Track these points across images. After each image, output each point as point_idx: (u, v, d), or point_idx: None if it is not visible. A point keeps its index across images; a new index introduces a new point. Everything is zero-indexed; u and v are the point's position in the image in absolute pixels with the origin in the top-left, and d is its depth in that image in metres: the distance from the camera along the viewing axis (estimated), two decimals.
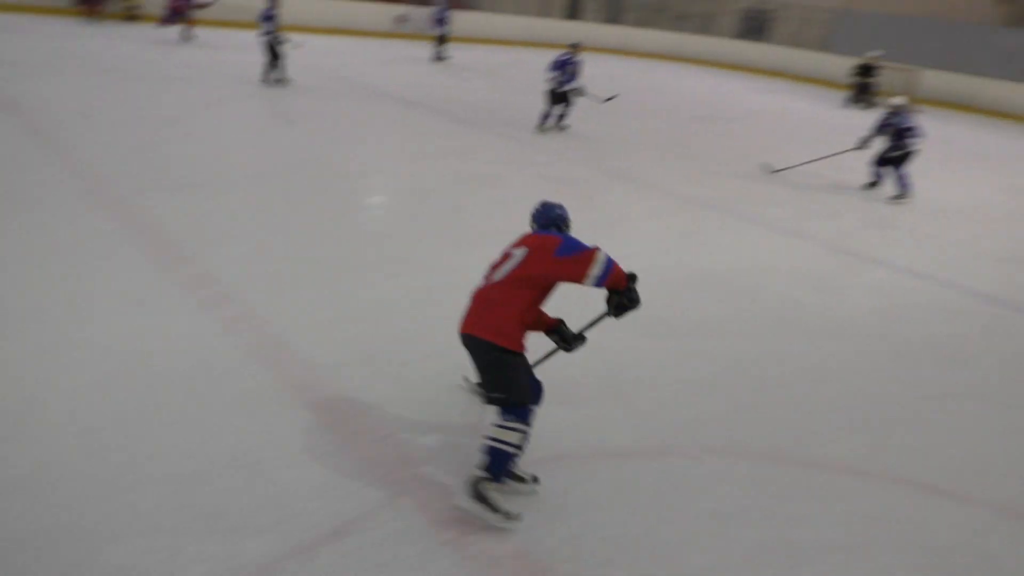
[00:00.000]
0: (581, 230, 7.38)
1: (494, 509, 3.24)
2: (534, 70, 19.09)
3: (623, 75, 20.51)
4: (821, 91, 22.64)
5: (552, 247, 3.24)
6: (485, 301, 3.31)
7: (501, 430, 3.24)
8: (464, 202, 7.91)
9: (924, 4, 24.05)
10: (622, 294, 3.30)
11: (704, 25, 29.23)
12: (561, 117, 11.70)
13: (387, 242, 6.55)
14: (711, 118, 15.22)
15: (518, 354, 3.25)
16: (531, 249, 3.29)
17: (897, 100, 10.03)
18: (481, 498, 3.25)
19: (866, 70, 19.70)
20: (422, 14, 23.35)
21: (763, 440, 4.17)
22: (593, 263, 3.17)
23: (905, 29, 23.31)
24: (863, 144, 10.12)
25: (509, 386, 3.21)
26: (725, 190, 9.57)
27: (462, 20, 24.72)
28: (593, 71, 20.56)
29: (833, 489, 3.82)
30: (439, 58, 19.01)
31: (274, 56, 12.90)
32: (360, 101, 12.74)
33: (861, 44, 23.78)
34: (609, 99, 12.87)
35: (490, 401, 3.25)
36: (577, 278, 3.18)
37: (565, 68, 11.33)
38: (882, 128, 9.97)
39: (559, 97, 11.46)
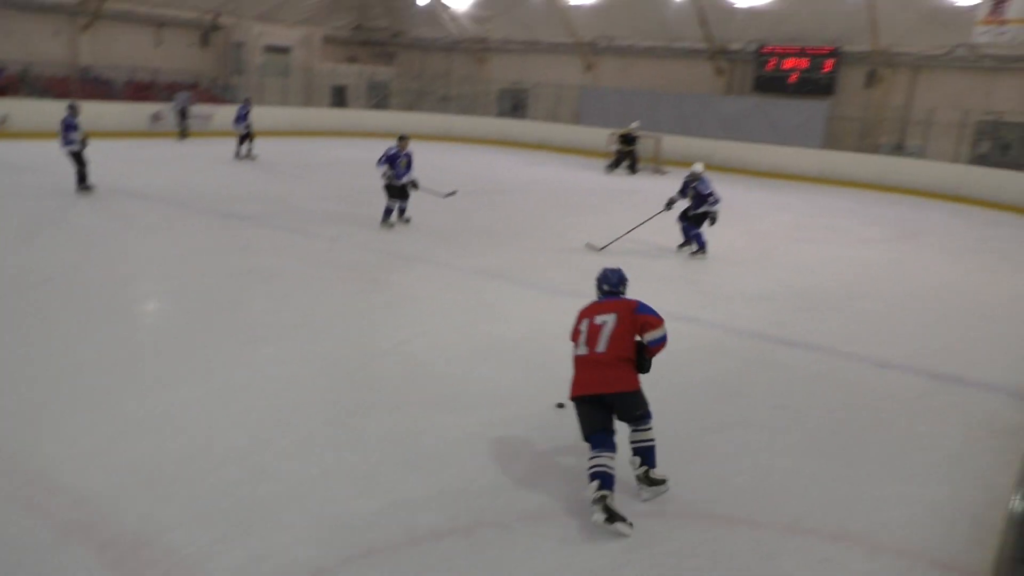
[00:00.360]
0: (370, 312, 7.38)
1: (662, 482, 4.33)
2: (305, 159, 18.93)
3: None
4: (580, 159, 24.31)
5: (633, 307, 4.31)
6: (606, 364, 4.18)
7: (647, 432, 4.28)
8: (243, 298, 7.58)
9: (657, 78, 26.78)
10: (650, 361, 4.31)
11: (467, 106, 30.65)
12: (403, 211, 11.48)
13: (163, 347, 6.10)
14: (488, 191, 15.80)
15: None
16: (619, 312, 4.30)
17: (698, 167, 10.83)
18: (657, 482, 4.30)
19: (627, 139, 21.47)
20: (184, 103, 22.50)
21: (573, 495, 4.25)
22: (661, 327, 4.26)
23: (643, 101, 25.79)
24: (669, 205, 10.86)
25: (646, 404, 4.25)
26: (511, 259, 9.90)
27: (226, 115, 24.12)
28: (361, 154, 20.77)
29: (641, 536, 3.95)
30: (248, 155, 18.27)
31: (82, 164, 12.56)
32: (121, 204, 11.94)
33: (607, 116, 26.05)
34: (449, 194, 12.70)
35: (638, 419, 4.23)
36: (645, 332, 4.24)
37: (396, 162, 11.12)
38: (684, 190, 10.82)
39: (397, 191, 11.23)
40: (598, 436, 4.10)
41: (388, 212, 11.24)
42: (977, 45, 20.80)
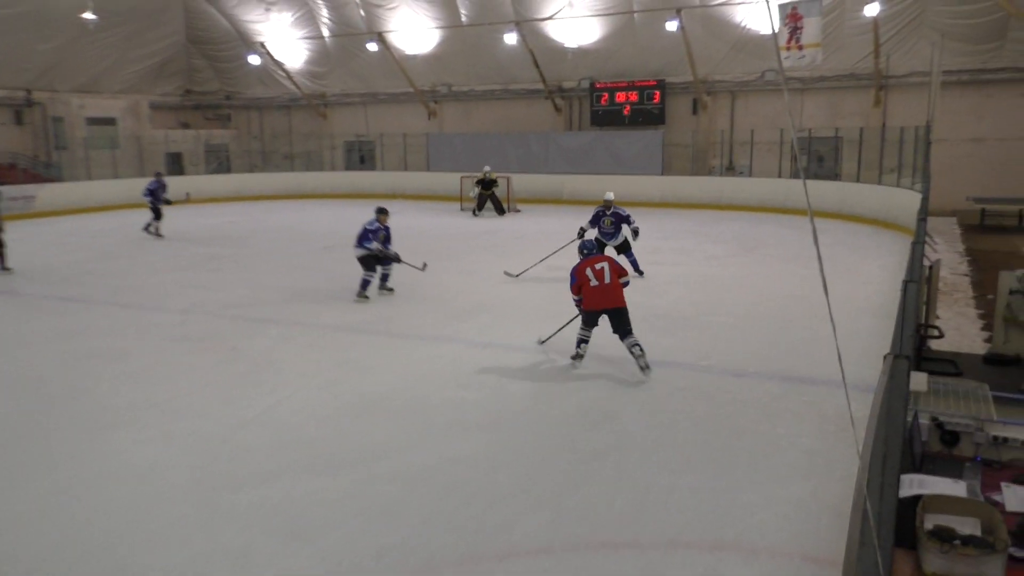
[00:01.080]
0: (231, 383, 7.07)
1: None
2: (137, 231, 18.02)
3: (245, 218, 20.24)
4: (435, 204, 24.44)
5: (612, 258, 7.45)
6: (613, 289, 7.16)
7: (633, 336, 7.10)
8: (85, 384, 7.08)
9: (499, 120, 27.47)
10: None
11: (313, 162, 30.26)
12: (385, 278, 10.80)
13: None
14: (345, 244, 15.58)
15: None
16: (608, 261, 7.31)
17: (610, 195, 12.12)
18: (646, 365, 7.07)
19: (486, 183, 21.78)
20: None
21: (462, 544, 4.20)
22: (627, 273, 7.45)
23: (489, 143, 26.36)
24: (581, 234, 11.76)
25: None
26: (375, 311, 9.77)
27: (52, 193, 22.66)
28: (206, 221, 20.02)
29: (530, 573, 3.95)
30: (158, 234, 17.12)
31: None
32: None
33: (456, 160, 26.43)
34: (424, 267, 12.16)
35: (629, 330, 7.11)
36: (621, 276, 7.30)
37: (375, 235, 10.48)
38: (596, 220, 11.89)
39: (372, 261, 10.52)
40: (591, 327, 7.30)
41: (365, 283, 10.51)
42: (787, 69, 22.63)
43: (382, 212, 10.88)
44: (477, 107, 28.29)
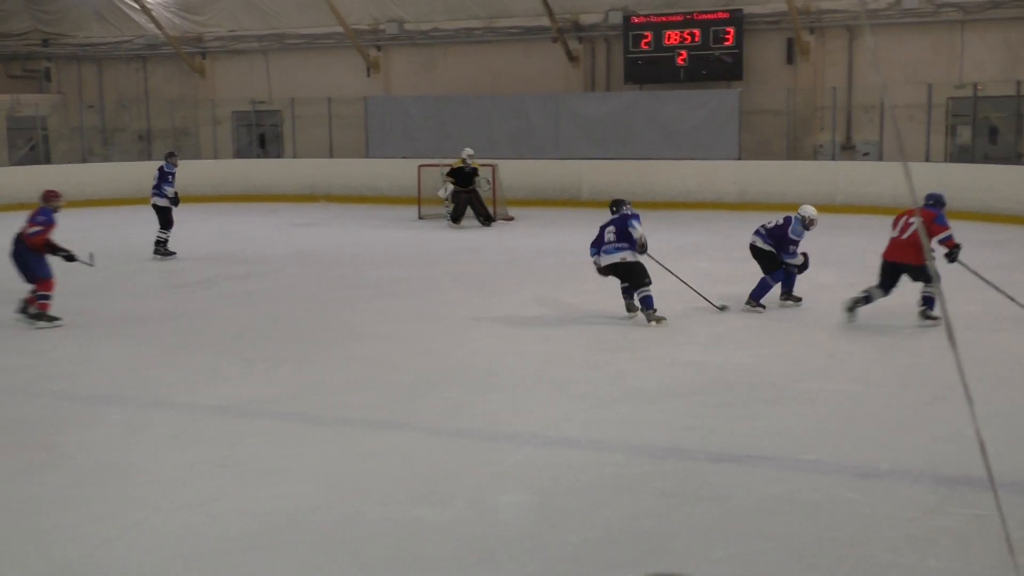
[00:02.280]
0: (44, 501, 6.97)
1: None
2: None
3: (72, 235, 20.17)
4: (378, 211, 24.49)
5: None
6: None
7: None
8: None
9: (480, 76, 27.75)
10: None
11: (184, 145, 30.38)
12: None
13: None
14: (233, 275, 15.56)
15: None
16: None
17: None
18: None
19: (464, 176, 21.76)
20: None
21: None
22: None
23: (463, 111, 26.55)
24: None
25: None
26: (284, 381, 9.76)
27: None
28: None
29: None
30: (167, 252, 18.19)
31: None
32: None
33: (413, 140, 26.58)
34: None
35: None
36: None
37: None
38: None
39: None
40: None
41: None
42: None
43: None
44: (444, 56, 28.56)
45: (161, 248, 18.08)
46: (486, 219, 21.94)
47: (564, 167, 25.00)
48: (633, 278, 11.85)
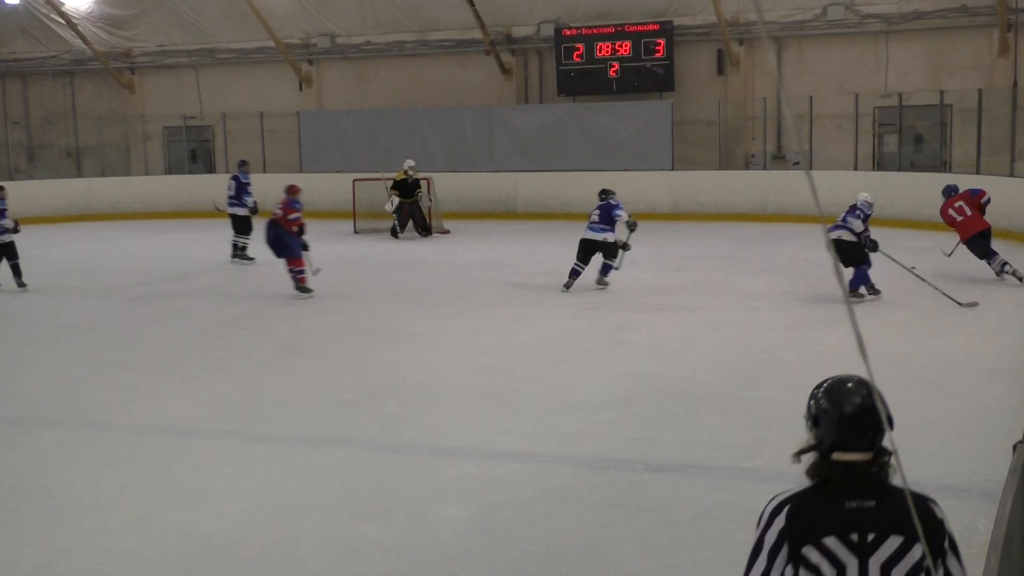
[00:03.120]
0: None
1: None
2: None
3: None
4: (316, 225, 24.32)
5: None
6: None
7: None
8: None
9: (413, 89, 27.73)
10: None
11: (114, 162, 30.07)
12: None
13: None
14: (165, 293, 15.39)
15: None
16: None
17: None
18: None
19: (406, 188, 21.73)
20: None
21: None
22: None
23: (396, 124, 26.53)
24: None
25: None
26: (215, 400, 9.67)
27: None
28: None
29: None
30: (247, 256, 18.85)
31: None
32: None
33: (348, 153, 26.49)
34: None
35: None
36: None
37: None
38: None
39: None
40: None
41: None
42: (855, 2, 23.28)
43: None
44: (376, 69, 28.53)
45: (241, 253, 18.73)
46: (424, 230, 21.98)
47: (499, 179, 25.06)
48: (609, 254, 14.64)
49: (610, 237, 14.59)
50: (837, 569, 2.87)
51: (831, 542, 2.90)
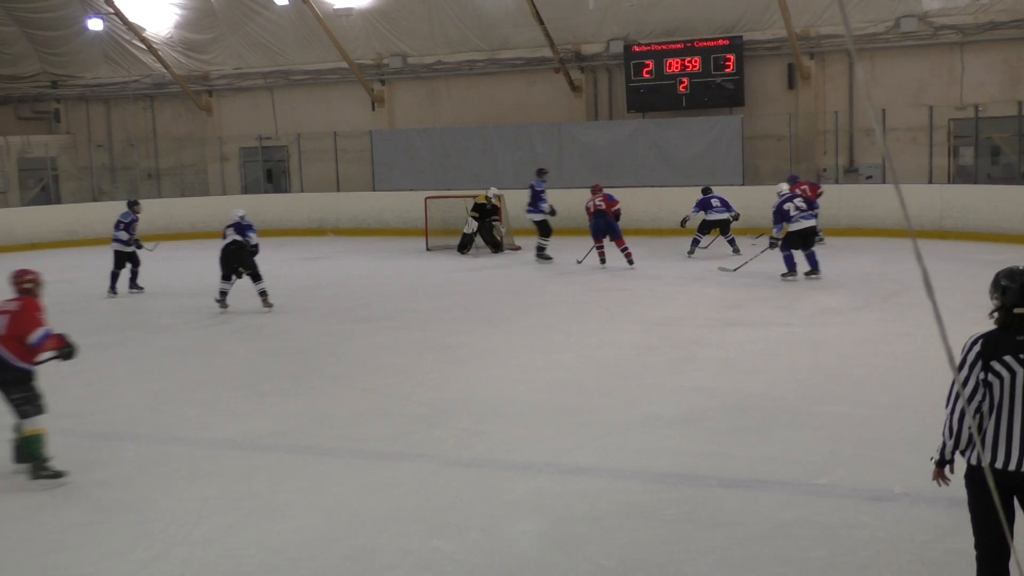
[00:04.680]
0: (55, 540, 6.95)
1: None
2: None
3: (83, 274, 20.27)
4: (387, 242, 24.52)
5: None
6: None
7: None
8: None
9: (483, 107, 27.83)
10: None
11: (192, 182, 30.46)
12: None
13: None
14: (235, 312, 15.55)
15: None
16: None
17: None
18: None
19: (486, 210, 21.98)
20: None
21: None
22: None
23: (466, 143, 26.59)
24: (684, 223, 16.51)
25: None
26: (293, 416, 9.75)
27: None
28: None
29: None
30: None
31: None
32: None
33: (419, 172, 26.59)
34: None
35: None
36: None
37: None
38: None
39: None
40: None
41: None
42: (929, 13, 22.99)
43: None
44: (447, 88, 28.67)
45: (541, 254, 20.86)
46: (495, 247, 22.10)
47: (569, 196, 24.98)
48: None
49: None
50: (1011, 375, 4.65)
51: (1008, 358, 4.66)
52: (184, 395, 10.79)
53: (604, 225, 18.99)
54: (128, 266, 18.04)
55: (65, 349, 8.17)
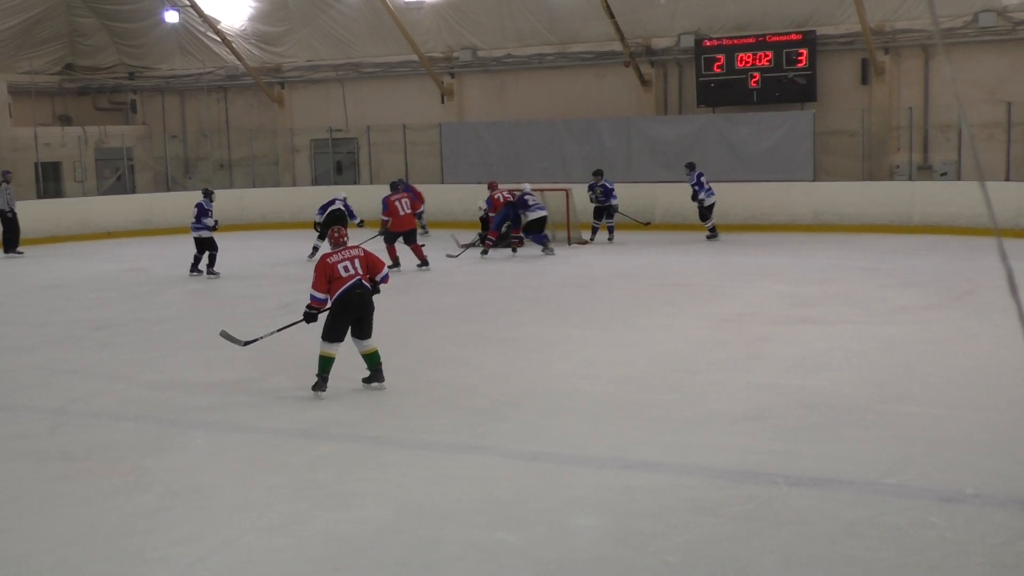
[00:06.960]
0: (128, 525, 7.04)
1: None
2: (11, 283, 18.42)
3: (157, 262, 20.55)
4: (455, 234, 24.61)
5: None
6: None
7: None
8: None
9: (552, 100, 27.79)
10: None
11: (263, 172, 30.73)
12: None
13: None
14: (304, 303, 15.66)
15: None
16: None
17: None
18: None
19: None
20: None
21: None
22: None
23: (535, 136, 26.57)
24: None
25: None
26: (358, 407, 9.78)
27: None
28: (95, 268, 20.37)
29: None
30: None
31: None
32: None
33: (488, 166, 26.64)
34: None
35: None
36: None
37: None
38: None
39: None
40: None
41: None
42: (1008, 8, 22.56)
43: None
44: (516, 82, 28.66)
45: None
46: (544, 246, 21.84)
47: (637, 190, 24.87)
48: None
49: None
50: None
51: None
52: (251, 384, 10.93)
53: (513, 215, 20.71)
54: (207, 252, 18.91)
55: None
